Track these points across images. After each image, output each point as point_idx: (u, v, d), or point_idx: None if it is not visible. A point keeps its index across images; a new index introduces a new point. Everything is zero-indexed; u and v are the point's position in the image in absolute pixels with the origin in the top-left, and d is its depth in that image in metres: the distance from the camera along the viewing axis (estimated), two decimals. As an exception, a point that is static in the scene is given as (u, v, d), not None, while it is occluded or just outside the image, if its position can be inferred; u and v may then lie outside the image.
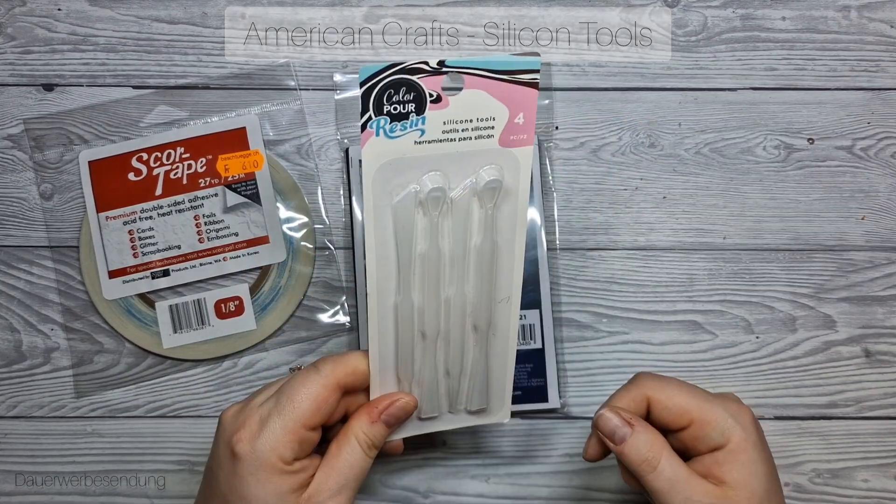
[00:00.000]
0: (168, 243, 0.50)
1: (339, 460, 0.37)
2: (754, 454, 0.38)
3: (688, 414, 0.39)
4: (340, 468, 0.37)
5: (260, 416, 0.36)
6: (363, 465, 0.38)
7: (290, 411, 0.36)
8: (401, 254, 0.37)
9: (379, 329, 0.38)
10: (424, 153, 0.36)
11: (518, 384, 0.48)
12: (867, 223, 0.51)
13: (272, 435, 0.36)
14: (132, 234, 0.50)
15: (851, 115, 0.51)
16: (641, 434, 0.38)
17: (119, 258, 0.50)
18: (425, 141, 0.35)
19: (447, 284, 0.39)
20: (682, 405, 0.39)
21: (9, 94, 0.51)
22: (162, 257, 0.50)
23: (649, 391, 0.40)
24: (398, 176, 0.36)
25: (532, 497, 0.50)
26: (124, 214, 0.50)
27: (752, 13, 0.51)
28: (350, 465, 0.37)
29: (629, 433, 0.38)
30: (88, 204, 0.50)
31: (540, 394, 0.49)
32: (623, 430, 0.38)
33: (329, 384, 0.37)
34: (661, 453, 0.38)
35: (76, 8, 0.51)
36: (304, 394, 0.36)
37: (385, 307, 0.38)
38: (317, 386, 0.37)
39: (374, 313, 0.38)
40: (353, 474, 0.37)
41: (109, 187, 0.50)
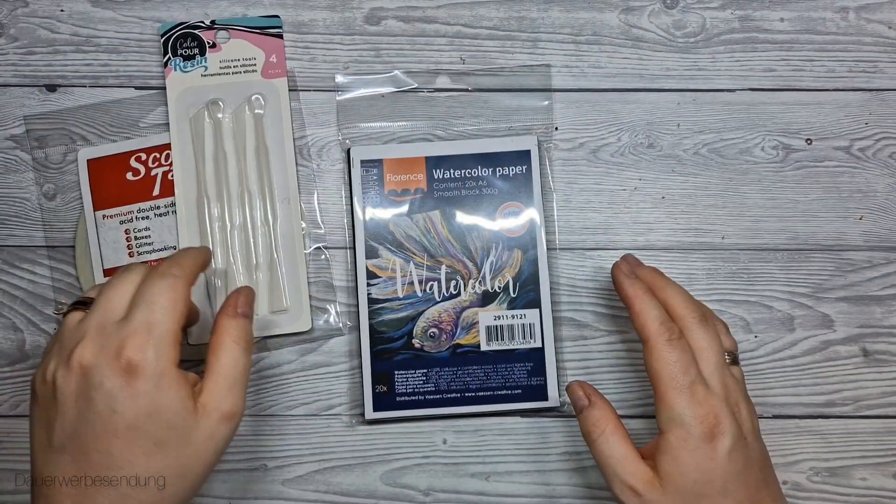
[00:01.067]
0: (164, 243, 0.50)
1: (221, 363, 0.38)
2: (687, 456, 0.38)
3: (655, 383, 0.39)
4: (225, 370, 0.38)
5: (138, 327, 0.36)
6: (244, 361, 0.38)
7: (170, 312, 0.37)
8: (196, 154, 0.49)
9: (187, 226, 0.49)
10: (209, 83, 0.50)
11: (518, 383, 0.49)
12: (865, 223, 0.51)
13: (162, 342, 0.36)
14: (128, 234, 0.50)
15: (849, 115, 0.51)
16: (594, 409, 0.41)
17: (115, 257, 0.50)
18: (209, 74, 0.50)
19: (234, 182, 0.50)
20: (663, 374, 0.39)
21: (11, 94, 0.51)
22: (158, 257, 0.50)
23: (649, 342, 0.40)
24: (192, 98, 0.50)
25: (532, 496, 0.50)
26: (121, 214, 0.50)
27: (750, 14, 0.52)
28: (233, 365, 0.38)
29: (586, 405, 0.41)
30: (86, 201, 0.50)
31: (540, 392, 0.49)
32: (582, 401, 0.42)
33: (188, 283, 0.38)
34: (606, 428, 0.40)
35: (78, 9, 0.51)
36: (173, 297, 0.37)
37: (189, 203, 0.49)
38: (180, 289, 0.38)
39: (182, 213, 0.49)
40: (237, 373, 0.38)
41: (107, 186, 0.50)
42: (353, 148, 0.50)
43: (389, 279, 0.49)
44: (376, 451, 0.50)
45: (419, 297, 0.49)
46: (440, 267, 0.49)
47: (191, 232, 0.49)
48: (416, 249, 0.49)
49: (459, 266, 0.49)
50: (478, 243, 0.49)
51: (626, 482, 0.39)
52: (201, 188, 0.49)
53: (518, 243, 0.49)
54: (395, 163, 0.50)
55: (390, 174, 0.50)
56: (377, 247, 0.49)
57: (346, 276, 0.50)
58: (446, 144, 0.50)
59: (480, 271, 0.49)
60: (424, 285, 0.49)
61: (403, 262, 0.49)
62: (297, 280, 0.49)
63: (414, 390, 0.49)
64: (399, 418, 0.49)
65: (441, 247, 0.49)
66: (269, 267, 0.49)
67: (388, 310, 0.49)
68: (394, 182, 0.50)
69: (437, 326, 0.49)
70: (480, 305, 0.49)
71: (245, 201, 0.50)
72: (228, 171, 0.50)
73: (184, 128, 0.50)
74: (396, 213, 0.49)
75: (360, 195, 0.50)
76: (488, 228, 0.50)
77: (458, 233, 0.49)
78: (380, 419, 0.49)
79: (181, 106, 0.50)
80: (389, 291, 0.49)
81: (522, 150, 0.50)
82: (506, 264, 0.49)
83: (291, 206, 0.50)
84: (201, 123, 0.50)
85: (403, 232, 0.49)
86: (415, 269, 0.49)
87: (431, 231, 0.49)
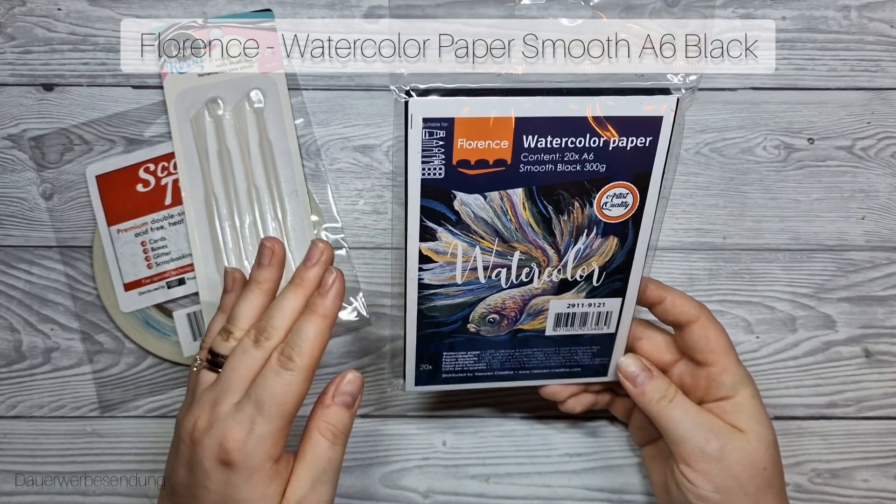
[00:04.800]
0: (181, 252, 0.50)
1: (306, 457, 0.38)
2: (762, 411, 0.42)
3: (714, 354, 0.42)
4: (309, 465, 0.37)
5: (244, 421, 0.36)
6: (330, 454, 0.38)
7: (276, 414, 0.36)
8: (200, 155, 0.49)
9: (197, 227, 0.49)
10: (206, 82, 0.50)
11: (580, 362, 0.45)
12: (867, 223, 0.51)
13: (262, 440, 0.36)
14: (145, 246, 0.50)
15: (851, 114, 0.51)
16: (660, 378, 0.42)
17: (133, 270, 0.50)
18: (205, 73, 0.49)
19: (241, 179, 0.50)
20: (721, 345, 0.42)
21: (9, 93, 0.51)
22: (176, 266, 0.50)
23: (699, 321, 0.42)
24: (191, 98, 0.50)
25: (532, 497, 0.50)
26: (135, 226, 0.50)
27: (752, 13, 0.51)
28: (316, 459, 0.38)
29: (649, 377, 0.42)
30: (98, 217, 0.49)
31: (601, 370, 0.45)
32: (643, 374, 0.42)
33: (307, 377, 0.37)
34: (677, 392, 0.42)
35: (76, 8, 0.51)
36: (285, 399, 0.36)
37: (198, 204, 0.49)
38: (294, 390, 0.37)
39: (190, 215, 0.49)
40: (321, 467, 0.38)
41: (119, 200, 0.50)
42: (414, 101, 0.36)
43: (448, 264, 0.40)
44: (375, 453, 0.50)
45: (481, 284, 0.41)
46: (513, 253, 0.40)
47: (201, 233, 0.49)
48: (485, 233, 0.39)
49: (537, 253, 0.40)
50: (565, 228, 0.40)
51: (702, 441, 0.40)
52: (208, 188, 0.49)
53: (616, 230, 0.40)
54: (472, 124, 0.36)
55: (463, 139, 0.37)
56: (435, 228, 0.39)
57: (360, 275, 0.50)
58: (547, 101, 0.37)
59: (562, 259, 0.41)
60: (490, 272, 0.41)
61: (468, 245, 0.40)
62: None
63: (463, 368, 0.44)
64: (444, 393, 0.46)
65: (518, 231, 0.40)
66: None
67: (442, 296, 0.41)
68: (466, 150, 0.37)
69: (498, 313, 0.42)
70: (555, 293, 0.42)
71: (253, 197, 0.49)
72: (234, 168, 0.50)
73: (185, 129, 0.49)
74: (465, 190, 0.38)
75: (418, 165, 0.37)
76: (584, 213, 0.39)
77: (542, 216, 0.39)
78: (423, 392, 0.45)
79: (181, 107, 0.49)
80: (446, 277, 0.40)
81: (652, 116, 0.37)
82: (595, 252, 0.41)
83: (300, 199, 0.50)
84: (202, 123, 0.50)
85: (472, 212, 0.39)
86: (481, 254, 0.40)
87: (508, 213, 0.39)
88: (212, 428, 0.37)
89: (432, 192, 0.38)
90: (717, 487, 0.39)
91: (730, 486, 0.39)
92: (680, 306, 0.42)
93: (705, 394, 0.42)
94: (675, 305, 0.42)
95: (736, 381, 0.41)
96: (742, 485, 0.39)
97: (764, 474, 0.40)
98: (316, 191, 0.50)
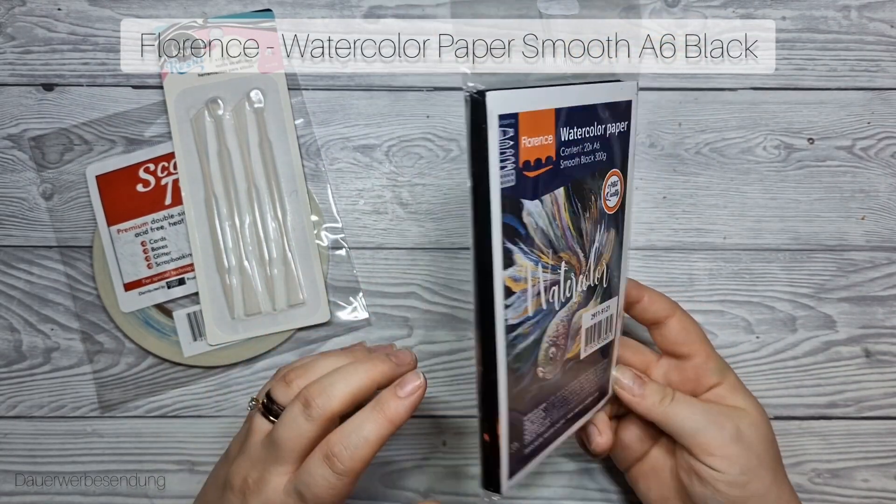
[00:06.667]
0: (181, 252, 0.50)
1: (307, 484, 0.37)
2: (747, 390, 0.43)
3: (696, 345, 0.42)
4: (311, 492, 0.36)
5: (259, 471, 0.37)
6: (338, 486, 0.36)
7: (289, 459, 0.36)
8: (200, 154, 0.49)
9: (197, 227, 0.49)
10: (207, 82, 0.50)
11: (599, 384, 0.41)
12: (867, 223, 0.51)
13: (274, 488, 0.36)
14: (145, 246, 0.50)
15: (852, 114, 0.51)
16: (654, 384, 0.42)
17: (133, 270, 0.50)
18: (205, 73, 0.49)
19: (241, 179, 0.49)
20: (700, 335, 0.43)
21: (9, 93, 0.51)
22: (176, 266, 0.50)
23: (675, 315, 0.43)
24: (191, 98, 0.49)
25: (532, 497, 0.50)
26: (135, 226, 0.50)
27: (752, 13, 0.51)
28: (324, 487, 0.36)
29: (643, 383, 0.41)
30: (98, 217, 0.49)
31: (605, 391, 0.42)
32: (638, 381, 0.42)
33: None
34: (675, 394, 0.41)
35: (76, 8, 0.51)
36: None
37: (198, 204, 0.49)
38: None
39: (190, 215, 0.49)
40: None
41: (119, 200, 0.50)
42: (493, 95, 0.30)
43: (522, 293, 0.33)
44: (376, 453, 0.50)
45: (544, 311, 0.34)
46: (560, 265, 0.35)
47: (201, 233, 0.49)
48: (543, 245, 0.33)
49: (574, 260, 0.35)
50: (588, 226, 0.36)
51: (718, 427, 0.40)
52: (208, 188, 0.49)
53: (614, 221, 0.38)
54: (532, 118, 0.31)
55: (526, 137, 0.31)
56: (512, 249, 0.32)
57: (359, 274, 0.50)
58: (578, 90, 0.34)
59: (588, 261, 0.36)
60: (548, 293, 0.34)
61: (533, 265, 0.33)
62: (311, 272, 0.49)
63: (538, 432, 0.36)
64: None
65: (563, 237, 0.35)
66: (283, 261, 0.49)
67: (522, 337, 0.33)
68: (529, 149, 0.32)
69: (555, 344, 0.36)
70: (584, 305, 0.37)
71: (253, 197, 0.49)
72: (234, 167, 0.50)
73: (185, 129, 0.49)
74: (529, 197, 0.32)
75: (497, 173, 0.30)
76: (597, 206, 0.37)
77: (574, 215, 0.35)
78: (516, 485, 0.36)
79: (181, 107, 0.50)
80: (522, 312, 0.33)
81: (624, 100, 0.37)
82: (604, 248, 0.38)
83: (300, 198, 0.50)
84: (202, 123, 0.50)
85: (535, 223, 0.33)
86: (542, 273, 0.34)
87: (556, 217, 0.34)
88: (260, 494, 0.36)
89: (508, 204, 0.31)
90: (743, 469, 0.39)
91: (753, 464, 0.39)
92: (657, 302, 0.43)
93: (696, 385, 0.42)
94: (653, 302, 0.43)
95: (721, 367, 0.42)
96: (762, 460, 0.40)
97: (774, 446, 0.41)
98: (316, 191, 0.50)
